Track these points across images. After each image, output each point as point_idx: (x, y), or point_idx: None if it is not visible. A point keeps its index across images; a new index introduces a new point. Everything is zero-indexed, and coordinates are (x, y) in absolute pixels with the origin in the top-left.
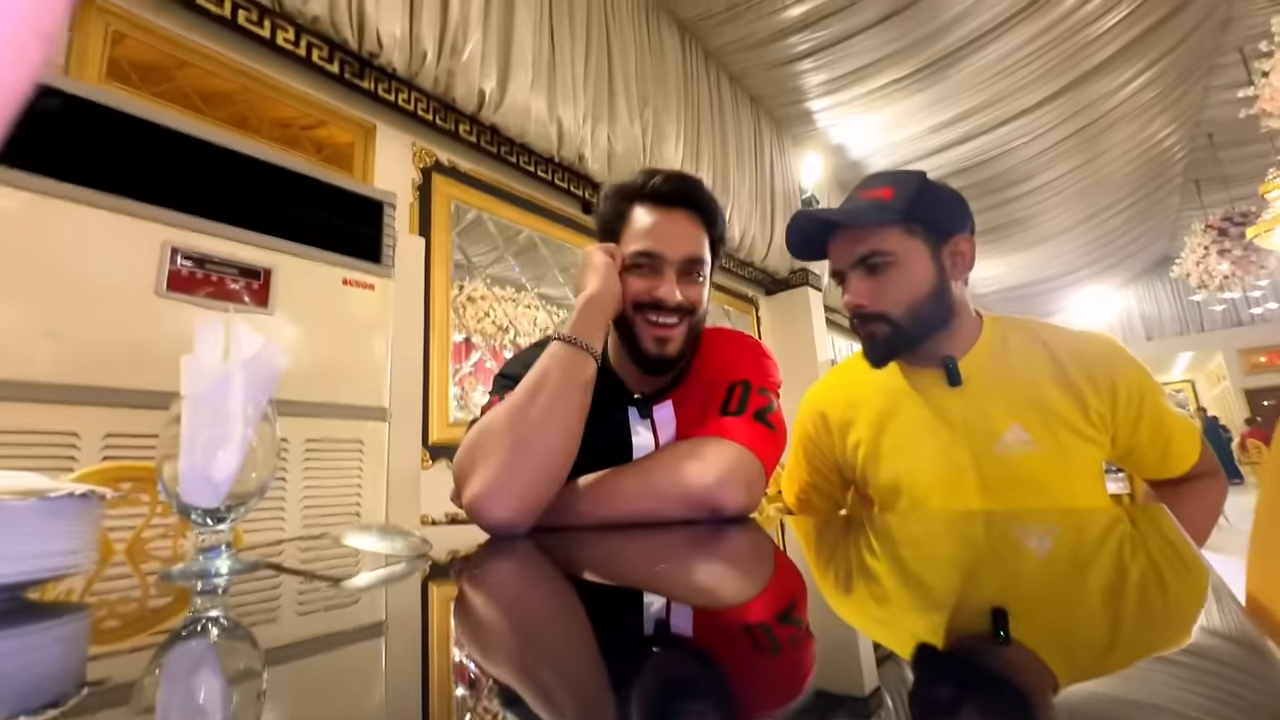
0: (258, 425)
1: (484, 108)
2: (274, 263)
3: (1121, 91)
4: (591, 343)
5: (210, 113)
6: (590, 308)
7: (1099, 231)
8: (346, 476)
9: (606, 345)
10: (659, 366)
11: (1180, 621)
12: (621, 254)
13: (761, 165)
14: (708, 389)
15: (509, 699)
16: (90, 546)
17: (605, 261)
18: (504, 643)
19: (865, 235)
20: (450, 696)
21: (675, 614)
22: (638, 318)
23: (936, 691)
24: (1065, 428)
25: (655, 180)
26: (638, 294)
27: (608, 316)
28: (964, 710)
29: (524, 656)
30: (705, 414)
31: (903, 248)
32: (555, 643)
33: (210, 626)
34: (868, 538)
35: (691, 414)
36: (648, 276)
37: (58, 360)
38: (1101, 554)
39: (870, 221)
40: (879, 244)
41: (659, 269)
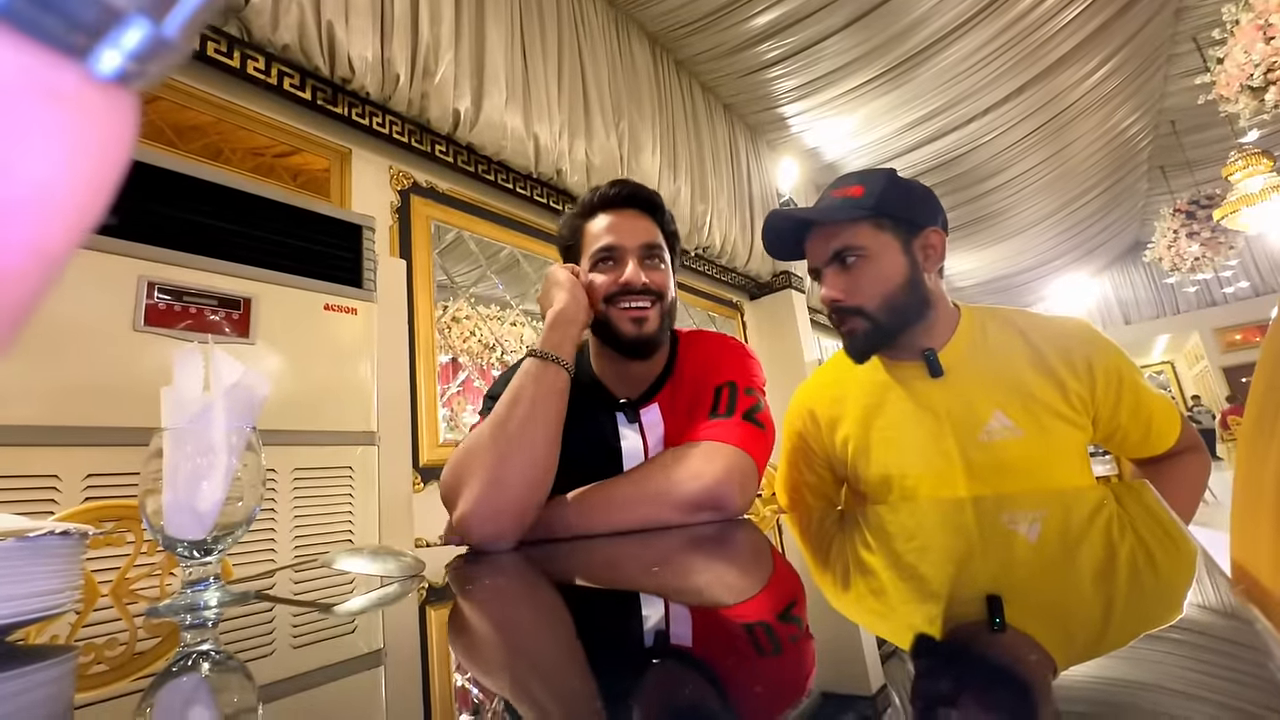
0: (242, 454)
1: (459, 127)
2: (254, 292)
3: (1084, 84)
4: (561, 355)
5: (183, 145)
6: (558, 320)
7: (1072, 221)
8: (337, 503)
9: (589, 354)
10: (641, 348)
11: (1170, 597)
12: (582, 267)
13: (739, 171)
14: (693, 391)
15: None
16: (74, 586)
17: (568, 277)
18: (505, 662)
19: (838, 231)
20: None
21: (675, 620)
22: (611, 310)
23: (938, 686)
24: (1047, 412)
25: (601, 189)
26: (606, 287)
27: (578, 328)
28: (967, 704)
29: (524, 672)
30: (693, 417)
31: (874, 242)
32: (555, 655)
33: (201, 662)
34: (862, 533)
35: (678, 416)
36: (612, 270)
37: (36, 402)
38: (1090, 535)
39: (841, 218)
40: (851, 239)
41: (621, 259)
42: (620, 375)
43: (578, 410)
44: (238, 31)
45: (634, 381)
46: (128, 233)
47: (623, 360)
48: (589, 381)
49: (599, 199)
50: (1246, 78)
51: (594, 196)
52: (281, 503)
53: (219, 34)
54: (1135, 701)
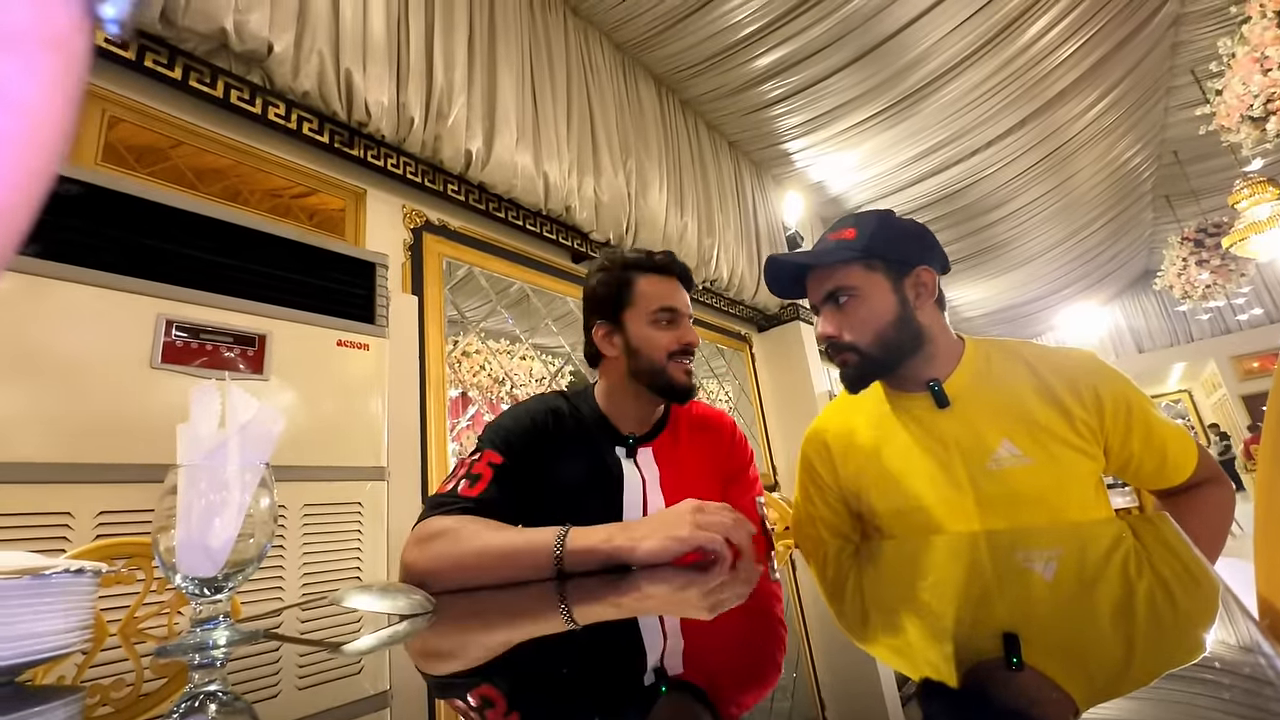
0: (255, 490)
1: (471, 167)
2: (268, 329)
3: (1085, 116)
4: (572, 565)
5: (204, 188)
6: (605, 554)
7: (1078, 250)
8: (346, 539)
9: (595, 393)
10: (689, 395)
11: (1192, 635)
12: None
13: (745, 206)
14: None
15: None
16: (86, 624)
17: (707, 539)
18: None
19: (830, 273)
20: None
21: (685, 649)
22: (670, 364)
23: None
24: (1055, 440)
25: (658, 256)
26: (669, 344)
27: (609, 565)
28: None
29: None
30: None
31: (864, 282)
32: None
33: (208, 703)
34: (876, 568)
35: (669, 464)
36: (669, 329)
37: (50, 440)
38: (1108, 571)
39: (832, 260)
40: (842, 280)
41: (678, 321)
42: (630, 414)
43: (583, 442)
44: (260, 80)
45: (639, 421)
46: (147, 272)
47: (646, 402)
48: (595, 416)
49: (656, 263)
50: (1246, 108)
51: (650, 258)
52: (291, 539)
53: (242, 82)
54: None
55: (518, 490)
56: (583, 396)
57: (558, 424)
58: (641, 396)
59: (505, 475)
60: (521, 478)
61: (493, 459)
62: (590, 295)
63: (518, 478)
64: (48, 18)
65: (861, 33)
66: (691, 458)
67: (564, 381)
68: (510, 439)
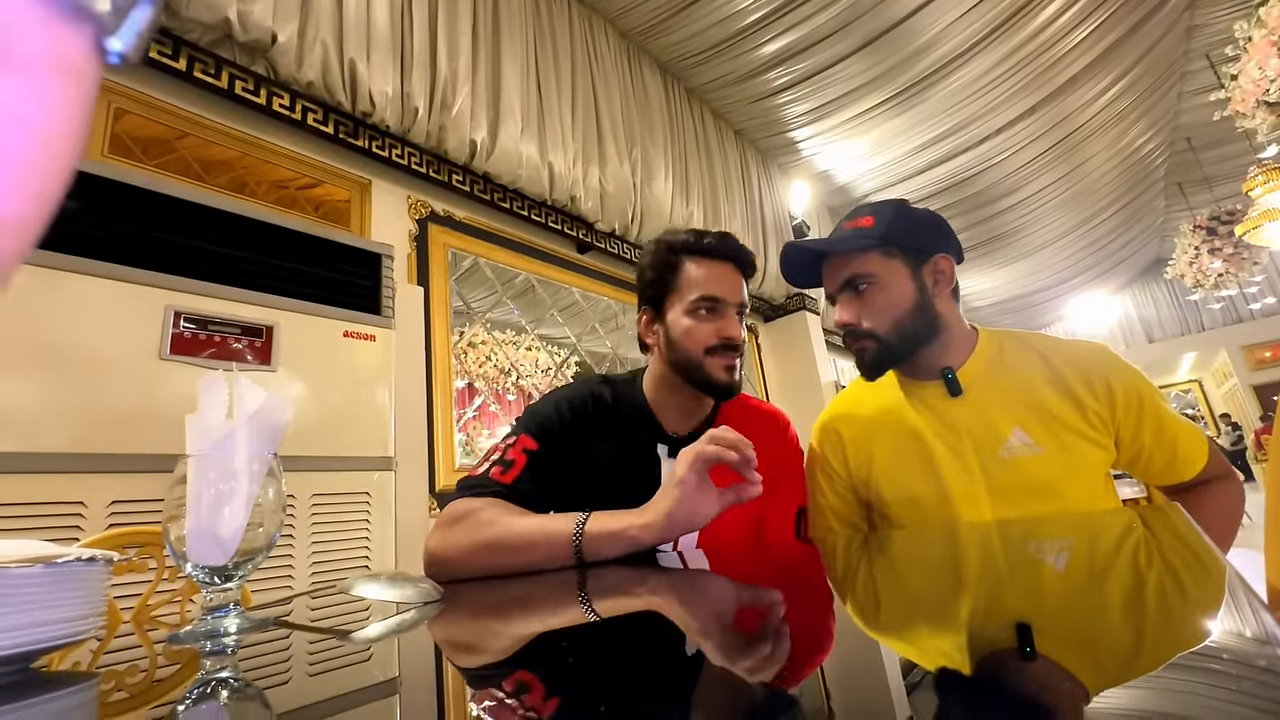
0: (263, 480)
1: (476, 157)
2: (275, 320)
3: (1096, 103)
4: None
5: (210, 180)
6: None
7: (1089, 239)
8: (354, 528)
9: (642, 386)
10: (731, 393)
11: (1204, 625)
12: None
13: (751, 195)
14: None
15: None
16: (98, 612)
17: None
18: (527, 690)
19: (848, 260)
20: None
21: (697, 644)
22: (708, 359)
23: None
24: (1066, 430)
25: (707, 238)
26: (707, 338)
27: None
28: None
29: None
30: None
31: (883, 270)
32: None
33: (220, 689)
34: (886, 558)
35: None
36: (710, 320)
37: (63, 430)
38: (1119, 561)
39: (851, 248)
40: (860, 267)
41: (721, 312)
42: (674, 409)
43: (623, 434)
44: (264, 70)
45: (684, 414)
46: (156, 264)
47: (690, 396)
48: (639, 408)
49: (704, 246)
50: (1262, 93)
51: (699, 239)
52: (300, 528)
53: (246, 73)
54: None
55: (551, 480)
56: (630, 384)
57: (598, 412)
58: (685, 390)
59: (539, 463)
60: (556, 467)
61: (528, 445)
62: (638, 278)
63: (552, 467)
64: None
65: (869, 18)
66: None
67: (570, 373)
68: (547, 426)
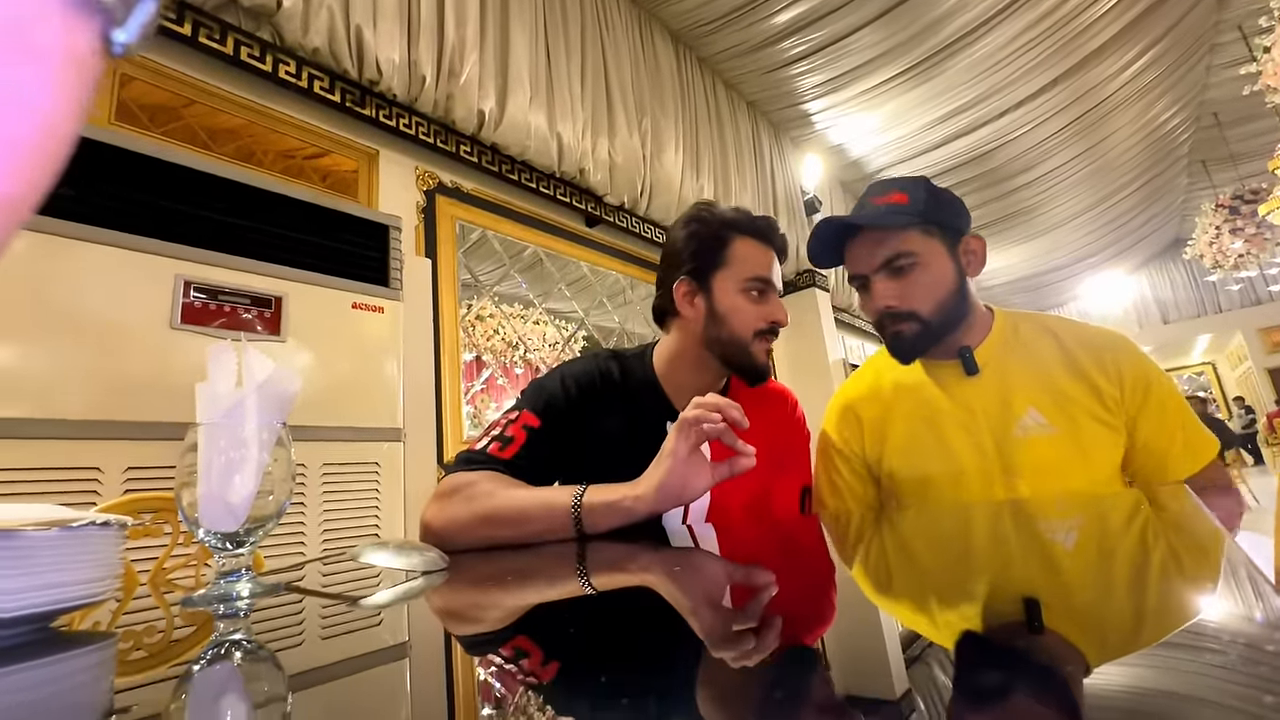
0: (272, 448)
1: (484, 128)
2: (284, 290)
3: (1121, 75)
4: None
5: (217, 148)
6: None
7: (1107, 217)
8: (364, 498)
9: (652, 362)
10: (764, 377)
11: (1212, 605)
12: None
13: (762, 169)
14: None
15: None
16: (114, 575)
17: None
18: (529, 654)
19: (887, 239)
20: (476, 715)
21: (697, 615)
22: (754, 342)
23: (968, 691)
24: (1080, 411)
25: (760, 221)
26: (757, 320)
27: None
28: (995, 709)
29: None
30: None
31: (925, 248)
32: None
33: (233, 651)
34: (898, 535)
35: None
36: (759, 303)
37: (78, 397)
38: (1127, 540)
39: (892, 224)
40: (900, 245)
41: (768, 295)
42: (688, 384)
43: (631, 411)
44: (270, 36)
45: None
46: (166, 233)
47: (707, 375)
48: (649, 384)
49: (760, 228)
50: None
51: (751, 220)
52: (310, 497)
53: (252, 39)
54: (1168, 712)
55: (553, 457)
56: (639, 359)
57: (606, 389)
58: (707, 366)
59: (539, 440)
60: (559, 444)
61: (529, 421)
62: (675, 247)
63: (553, 444)
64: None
65: None
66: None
67: (577, 348)
68: (551, 403)
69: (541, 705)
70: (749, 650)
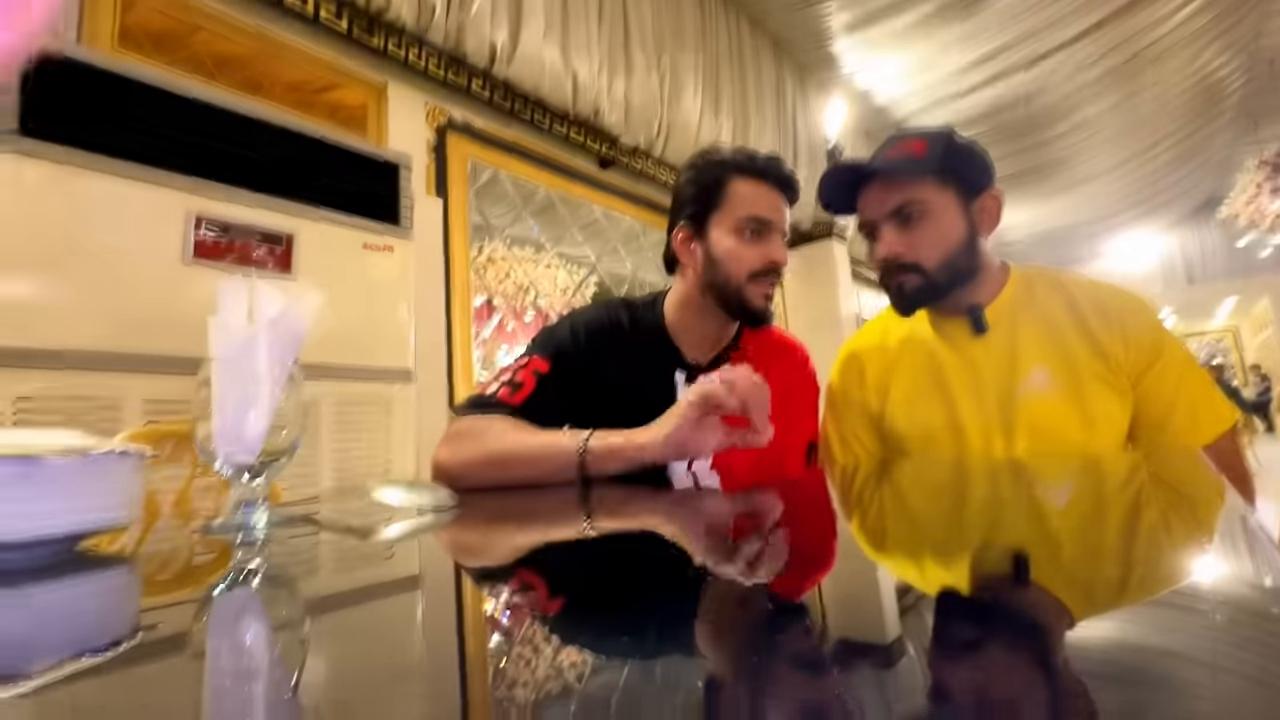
0: (285, 385)
1: (496, 62)
2: (295, 228)
3: (1171, 19)
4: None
5: (223, 79)
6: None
7: (1141, 172)
8: (375, 437)
9: (663, 310)
10: (765, 320)
11: (1215, 565)
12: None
13: (784, 114)
14: None
15: (547, 644)
16: (133, 502)
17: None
18: (536, 591)
19: (899, 186)
20: (486, 647)
21: (698, 557)
22: (749, 284)
23: (954, 639)
24: (1086, 373)
25: (758, 158)
26: (752, 261)
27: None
28: (983, 657)
29: (554, 603)
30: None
31: (936, 199)
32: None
33: (251, 577)
34: (896, 487)
35: None
36: (756, 243)
37: (99, 329)
38: (1122, 500)
39: (907, 171)
40: (913, 194)
41: (767, 235)
42: (696, 335)
43: (640, 360)
44: None
45: (705, 345)
46: (176, 165)
47: (715, 323)
48: (659, 333)
49: (761, 165)
50: None
51: (750, 158)
52: (325, 434)
53: None
54: (1163, 668)
55: (562, 403)
56: (650, 307)
57: (616, 337)
58: (713, 314)
59: (548, 386)
60: (567, 390)
61: (539, 367)
62: (676, 193)
63: (561, 390)
64: None
65: None
66: None
67: (589, 294)
68: (561, 349)
69: (548, 635)
70: (749, 567)
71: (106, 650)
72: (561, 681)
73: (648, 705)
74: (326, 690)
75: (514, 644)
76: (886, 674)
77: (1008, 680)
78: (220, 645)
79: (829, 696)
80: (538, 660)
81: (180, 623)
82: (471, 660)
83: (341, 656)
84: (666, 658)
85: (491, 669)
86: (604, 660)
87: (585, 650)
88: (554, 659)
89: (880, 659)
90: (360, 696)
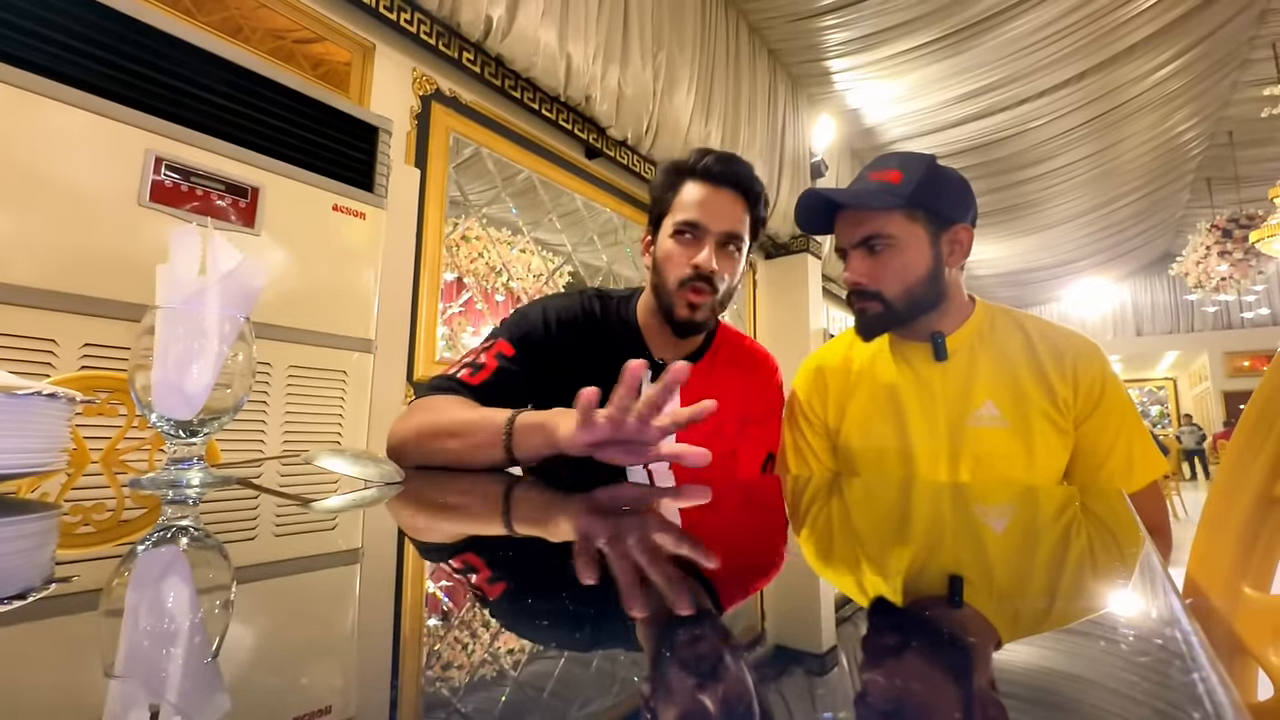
0: (234, 342)
1: (490, 36)
2: (262, 181)
3: (1148, 79)
4: (524, 445)
5: (202, 17)
6: (546, 434)
7: (1105, 222)
8: (329, 405)
9: (636, 307)
10: (686, 330)
11: (1117, 598)
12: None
13: (774, 123)
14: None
15: (484, 630)
16: (59, 447)
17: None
18: (481, 576)
19: (869, 218)
20: (422, 625)
21: (651, 540)
22: (678, 290)
23: (882, 648)
24: (1034, 410)
25: (707, 159)
26: (680, 266)
27: (552, 451)
28: (904, 667)
29: (498, 589)
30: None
31: (904, 232)
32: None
33: (180, 536)
34: (845, 502)
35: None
36: (689, 246)
37: (36, 264)
38: (1053, 531)
39: (875, 205)
40: (881, 227)
41: (700, 240)
42: (664, 335)
43: (608, 353)
44: None
45: (673, 345)
46: (138, 103)
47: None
48: (630, 328)
49: (702, 167)
50: None
51: (699, 160)
52: (274, 397)
53: None
54: (1058, 687)
55: (528, 389)
56: (625, 302)
57: (587, 327)
58: None
59: (510, 370)
60: (530, 376)
61: (503, 350)
62: (651, 200)
63: (525, 375)
64: None
65: None
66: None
67: (562, 283)
68: (528, 335)
69: (485, 620)
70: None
71: (13, 600)
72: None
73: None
74: (249, 656)
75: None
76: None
77: (929, 693)
78: (138, 603)
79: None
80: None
81: (98, 577)
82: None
83: (269, 626)
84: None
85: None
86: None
87: (508, 635)
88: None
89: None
90: (284, 663)
